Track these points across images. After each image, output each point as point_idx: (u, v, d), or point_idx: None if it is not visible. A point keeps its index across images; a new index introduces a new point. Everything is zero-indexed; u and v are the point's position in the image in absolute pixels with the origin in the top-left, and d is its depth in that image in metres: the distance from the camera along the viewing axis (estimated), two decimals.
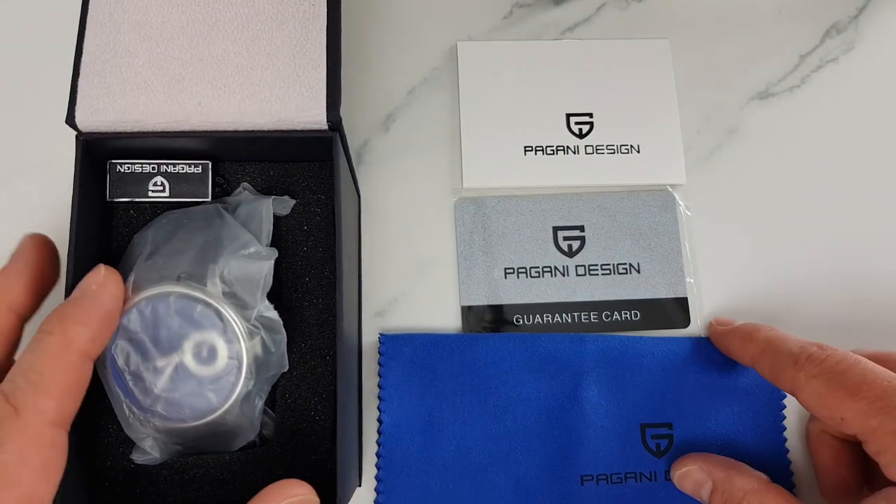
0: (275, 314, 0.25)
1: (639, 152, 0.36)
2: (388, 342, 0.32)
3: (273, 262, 0.26)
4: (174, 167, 0.27)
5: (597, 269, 0.34)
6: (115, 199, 0.27)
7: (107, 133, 0.25)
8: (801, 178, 0.36)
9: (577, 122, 0.36)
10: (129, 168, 0.27)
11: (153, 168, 0.27)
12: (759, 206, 0.36)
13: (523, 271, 0.34)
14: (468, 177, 0.35)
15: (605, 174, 0.35)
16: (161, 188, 0.27)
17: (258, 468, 0.27)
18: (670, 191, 0.36)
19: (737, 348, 0.31)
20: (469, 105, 0.36)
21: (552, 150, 0.35)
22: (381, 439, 0.31)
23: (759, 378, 0.32)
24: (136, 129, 0.25)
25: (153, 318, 0.24)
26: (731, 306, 0.34)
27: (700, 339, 0.33)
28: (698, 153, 0.36)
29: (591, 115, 0.36)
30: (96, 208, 0.27)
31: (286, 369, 0.26)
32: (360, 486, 0.31)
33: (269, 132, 0.25)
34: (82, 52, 0.25)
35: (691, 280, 0.35)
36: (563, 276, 0.34)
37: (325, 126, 0.25)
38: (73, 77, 0.25)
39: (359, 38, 0.37)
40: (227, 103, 0.25)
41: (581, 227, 0.35)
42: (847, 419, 0.25)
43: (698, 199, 0.36)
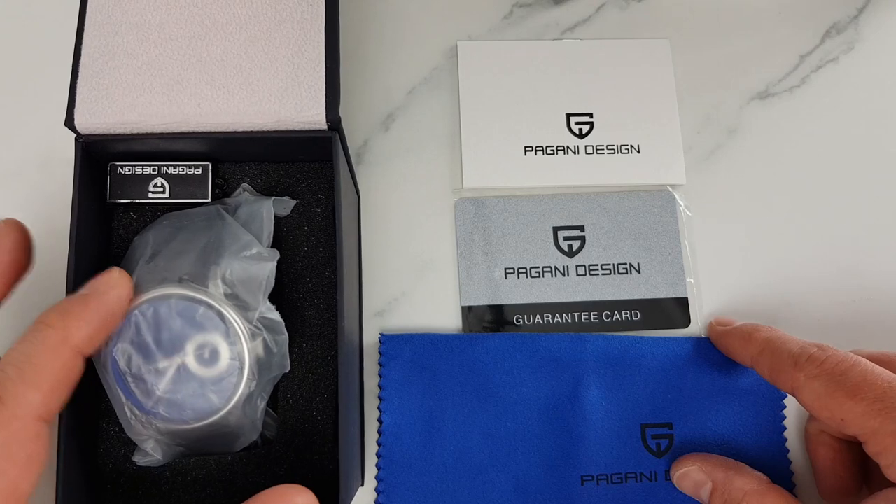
0: (276, 315, 0.25)
1: (639, 152, 0.35)
2: (388, 342, 0.32)
3: (275, 263, 0.26)
4: (174, 168, 0.27)
5: (597, 269, 0.34)
6: (116, 201, 0.27)
7: (106, 135, 0.25)
8: (801, 178, 0.36)
9: (577, 122, 0.36)
10: (129, 170, 0.27)
11: (153, 170, 0.27)
12: (759, 206, 0.36)
13: (523, 271, 0.34)
14: (468, 177, 0.35)
15: (605, 174, 0.35)
16: (161, 189, 0.27)
17: (261, 469, 0.27)
18: (670, 191, 0.36)
19: (737, 348, 0.31)
20: (469, 105, 0.36)
21: (552, 150, 0.35)
22: (381, 439, 0.31)
23: (759, 378, 0.32)
24: (135, 131, 0.25)
25: (155, 321, 0.24)
26: (731, 306, 0.34)
27: (700, 339, 0.33)
28: (698, 153, 0.36)
29: (591, 115, 0.36)
30: (96, 210, 0.26)
31: (288, 370, 0.26)
32: (362, 485, 0.31)
33: (268, 132, 0.25)
34: (81, 55, 0.25)
35: (691, 280, 0.35)
36: (564, 276, 0.34)
37: (324, 126, 0.25)
38: (71, 79, 0.25)
39: (359, 38, 0.37)
40: (227, 104, 0.25)
41: (581, 227, 0.35)
42: (847, 420, 0.25)
43: (698, 199, 0.36)
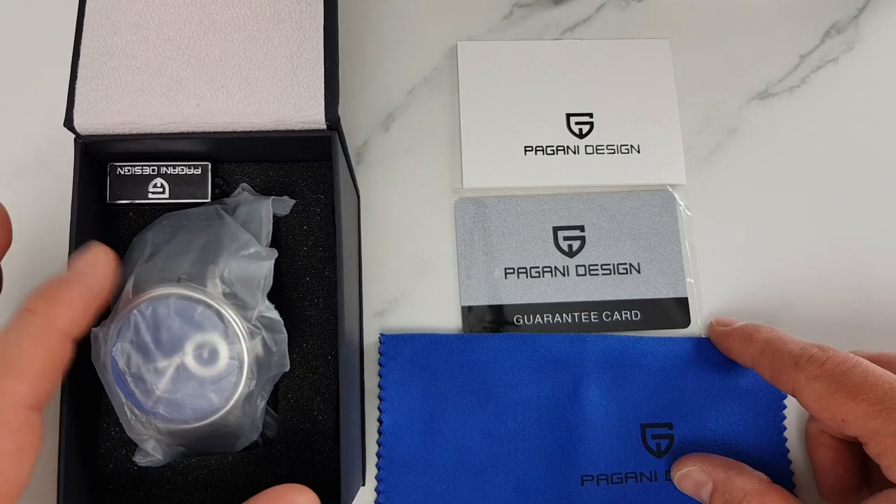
0: (275, 314, 0.25)
1: (639, 152, 0.35)
2: (388, 342, 0.32)
3: (273, 262, 0.26)
4: (174, 169, 0.27)
5: (597, 269, 0.34)
6: (115, 202, 0.27)
7: (105, 135, 0.25)
8: (801, 178, 0.36)
9: (577, 122, 0.36)
10: (128, 170, 0.27)
11: (153, 170, 0.27)
12: (759, 206, 0.36)
13: (523, 271, 0.34)
14: (468, 177, 0.35)
15: (605, 174, 0.35)
16: (161, 190, 0.27)
17: (261, 469, 0.27)
18: (670, 191, 0.35)
19: (737, 349, 0.31)
20: (469, 105, 0.36)
21: (552, 150, 0.35)
22: (381, 439, 0.31)
23: (759, 378, 0.32)
24: (134, 131, 0.25)
25: (154, 320, 0.24)
26: (731, 306, 0.34)
27: (700, 339, 0.33)
28: (698, 153, 0.36)
29: (591, 115, 0.36)
30: (96, 210, 0.27)
31: (287, 369, 0.26)
32: (363, 485, 0.31)
33: (267, 132, 0.25)
34: (80, 55, 0.25)
35: (691, 280, 0.34)
36: (564, 276, 0.34)
37: (323, 125, 0.25)
38: (70, 80, 0.25)
39: (359, 38, 0.37)
40: (226, 104, 0.25)
41: (581, 227, 0.35)
42: (848, 421, 0.25)
43: (698, 199, 0.36)
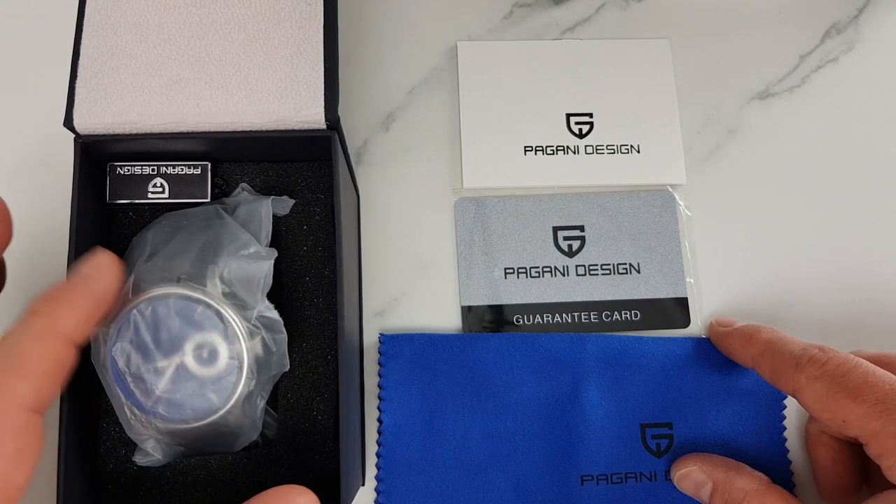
0: (275, 314, 0.25)
1: (639, 152, 0.35)
2: (388, 342, 0.32)
3: (272, 262, 0.26)
4: (173, 169, 0.27)
5: (597, 269, 0.34)
6: (115, 202, 0.27)
7: (105, 135, 0.25)
8: (801, 178, 0.36)
9: (577, 122, 0.36)
10: (128, 170, 0.27)
11: (153, 170, 0.27)
12: (759, 206, 0.36)
13: (523, 271, 0.34)
14: (468, 177, 0.35)
15: (605, 174, 0.35)
16: (160, 190, 0.27)
17: (261, 469, 0.27)
18: (670, 191, 0.35)
19: (737, 349, 0.31)
20: (469, 105, 0.36)
21: (552, 150, 0.35)
22: (381, 439, 0.31)
23: (759, 379, 0.32)
24: (134, 131, 0.25)
25: (153, 320, 0.24)
26: (731, 306, 0.34)
27: (700, 339, 0.33)
28: (698, 153, 0.36)
29: (591, 115, 0.36)
30: (96, 210, 0.27)
31: (287, 369, 0.26)
32: (363, 485, 0.31)
33: (267, 132, 0.25)
34: (79, 55, 0.25)
35: (691, 280, 0.34)
36: (563, 276, 0.34)
37: (323, 125, 0.25)
38: (70, 80, 0.25)
39: (359, 38, 0.37)
40: (226, 103, 0.25)
41: (581, 227, 0.35)
42: (849, 422, 0.25)
43: (698, 199, 0.36)
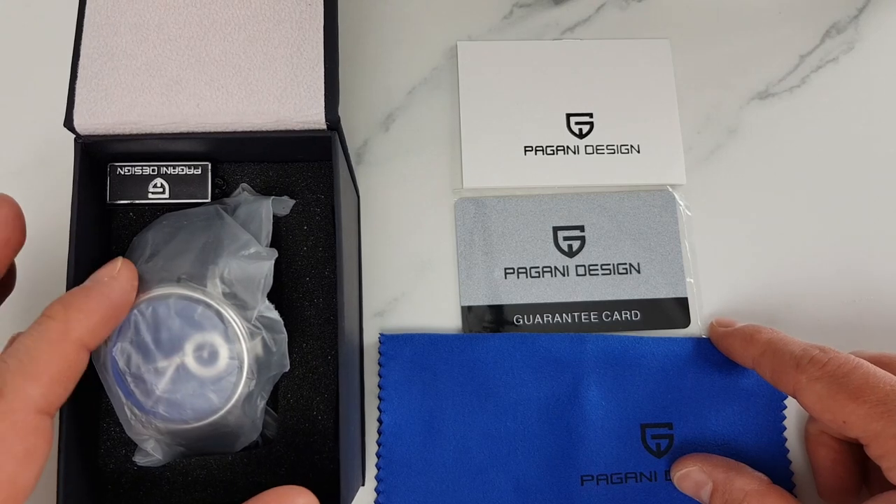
0: (275, 314, 0.25)
1: (639, 152, 0.35)
2: (388, 342, 0.32)
3: (273, 262, 0.26)
4: (174, 169, 0.27)
5: (597, 269, 0.34)
6: (115, 202, 0.27)
7: (105, 136, 0.25)
8: (801, 177, 0.36)
9: (577, 122, 0.36)
10: (129, 170, 0.27)
11: (153, 170, 0.27)
12: (759, 206, 0.36)
13: (523, 271, 0.34)
14: (468, 177, 0.35)
15: (605, 174, 0.35)
16: (161, 190, 0.27)
17: (261, 469, 0.27)
18: (670, 191, 0.35)
19: (738, 350, 0.31)
20: (469, 105, 0.36)
21: (552, 150, 0.35)
22: (381, 439, 0.31)
23: (759, 379, 0.32)
24: (134, 131, 0.25)
25: (154, 320, 0.24)
26: (731, 306, 0.34)
27: (700, 339, 0.33)
28: (698, 153, 0.36)
29: (591, 115, 0.36)
30: (96, 210, 0.27)
31: (287, 369, 0.26)
32: (363, 485, 0.31)
33: (267, 132, 0.25)
34: (80, 55, 0.25)
35: (691, 280, 0.34)
36: (564, 276, 0.34)
37: (323, 125, 0.25)
38: (70, 80, 0.25)
39: (359, 38, 0.37)
40: (226, 104, 0.25)
41: (581, 227, 0.35)
42: (849, 423, 0.25)
43: (698, 199, 0.36)
